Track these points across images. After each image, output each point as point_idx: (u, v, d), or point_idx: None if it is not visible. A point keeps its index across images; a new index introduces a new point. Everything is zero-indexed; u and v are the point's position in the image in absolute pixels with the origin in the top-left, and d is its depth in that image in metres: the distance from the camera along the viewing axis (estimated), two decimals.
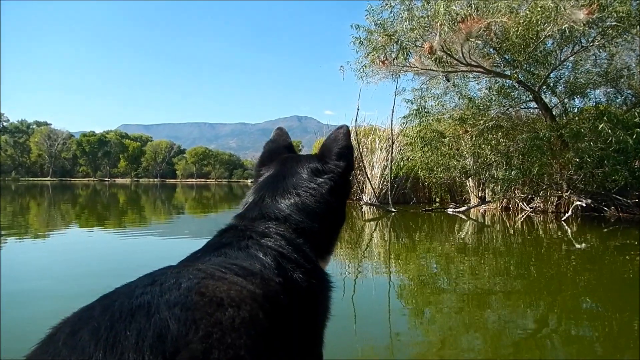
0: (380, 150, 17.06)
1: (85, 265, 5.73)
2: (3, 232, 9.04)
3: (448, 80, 12.11)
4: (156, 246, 7.61)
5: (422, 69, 10.96)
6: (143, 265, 5.81)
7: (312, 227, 1.18)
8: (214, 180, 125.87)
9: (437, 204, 16.70)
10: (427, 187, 17.36)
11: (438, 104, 13.05)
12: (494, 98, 12.07)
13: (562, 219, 11.12)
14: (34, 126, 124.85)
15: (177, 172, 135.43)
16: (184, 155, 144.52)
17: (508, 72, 11.37)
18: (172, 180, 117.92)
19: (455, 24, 9.30)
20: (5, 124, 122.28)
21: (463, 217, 13.01)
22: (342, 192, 1.32)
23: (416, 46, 10.37)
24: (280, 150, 1.43)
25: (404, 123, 15.00)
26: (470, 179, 14.56)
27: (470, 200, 15.41)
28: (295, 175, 1.26)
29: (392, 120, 15.73)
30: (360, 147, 16.35)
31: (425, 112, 12.92)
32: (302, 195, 1.22)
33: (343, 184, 1.31)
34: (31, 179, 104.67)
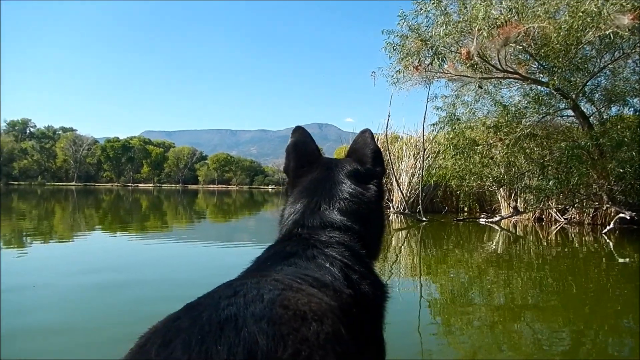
0: (408, 157, 16.76)
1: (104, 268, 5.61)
2: (29, 236, 9.29)
3: (480, 87, 11.81)
4: (179, 252, 7.54)
5: (455, 75, 10.70)
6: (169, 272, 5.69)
7: (367, 234, 1.18)
8: (235, 186, 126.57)
9: (465, 214, 16.32)
10: (455, 196, 16.99)
11: (469, 111, 12.72)
12: (529, 106, 11.68)
13: (603, 231, 10.68)
14: (60, 132, 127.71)
15: (199, 178, 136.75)
16: (206, 161, 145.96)
17: (544, 79, 11.01)
18: (194, 186, 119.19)
19: (494, 28, 9.01)
20: (32, 129, 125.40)
21: (495, 227, 12.66)
22: (383, 196, 1.33)
23: (451, 52, 10.12)
24: (316, 153, 1.38)
25: (433, 130, 14.70)
26: (501, 188, 14.16)
27: (500, 209, 15.02)
28: (346, 181, 1.23)
29: (423, 128, 15.44)
30: (389, 154, 16.00)
31: (456, 119, 12.59)
32: (357, 202, 1.20)
33: (382, 189, 1.32)
34: (56, 183, 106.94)
